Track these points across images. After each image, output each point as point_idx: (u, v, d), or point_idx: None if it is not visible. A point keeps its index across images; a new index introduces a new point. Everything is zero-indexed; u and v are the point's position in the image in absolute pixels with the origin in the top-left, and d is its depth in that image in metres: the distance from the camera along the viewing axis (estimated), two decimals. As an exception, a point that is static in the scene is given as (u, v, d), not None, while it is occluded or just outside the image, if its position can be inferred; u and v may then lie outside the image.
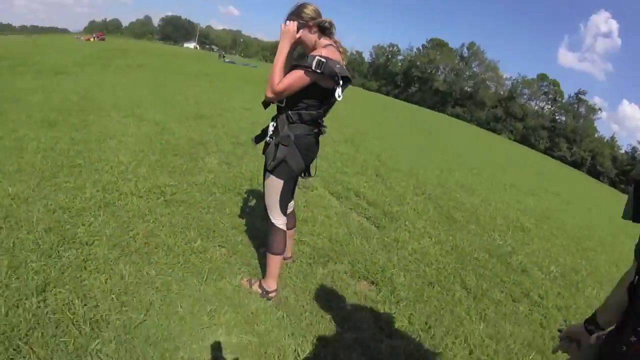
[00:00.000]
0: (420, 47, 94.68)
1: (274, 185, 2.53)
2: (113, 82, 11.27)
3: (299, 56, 2.48)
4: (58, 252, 2.80)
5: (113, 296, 2.44)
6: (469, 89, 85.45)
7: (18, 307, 2.24)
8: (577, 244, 6.39)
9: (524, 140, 73.12)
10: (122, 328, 2.23)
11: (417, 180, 7.09)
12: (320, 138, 2.62)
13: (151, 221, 3.40)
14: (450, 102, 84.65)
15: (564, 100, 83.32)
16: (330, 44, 2.33)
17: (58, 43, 33.68)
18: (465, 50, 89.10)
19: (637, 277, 1.13)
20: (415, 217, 5.13)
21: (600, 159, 74.44)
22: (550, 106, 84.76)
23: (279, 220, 2.64)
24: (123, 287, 2.55)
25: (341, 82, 2.18)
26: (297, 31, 2.31)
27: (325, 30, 2.38)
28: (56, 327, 2.15)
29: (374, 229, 4.47)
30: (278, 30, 2.32)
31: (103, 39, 52.10)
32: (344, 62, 2.32)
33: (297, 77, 2.18)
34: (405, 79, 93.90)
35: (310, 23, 2.33)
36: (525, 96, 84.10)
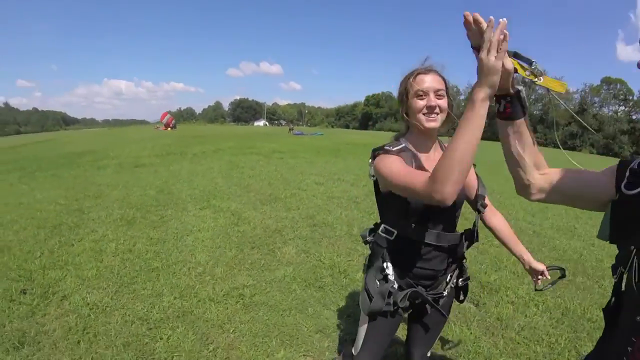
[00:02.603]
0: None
1: None
2: (190, 172, 11.95)
3: None
4: (137, 371, 2.77)
5: None
6: (537, 113, 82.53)
7: None
8: None
9: (607, 150, 69.44)
10: None
11: (510, 234, 6.54)
12: None
13: (231, 331, 3.31)
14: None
15: (635, 98, 79.21)
16: None
17: (138, 134, 36.65)
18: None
19: (613, 297, 1.31)
20: (517, 283, 4.61)
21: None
22: (623, 107, 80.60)
23: None
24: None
25: None
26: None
27: None
28: None
29: (473, 308, 4.04)
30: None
31: (174, 127, 55.59)
32: None
33: None
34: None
35: None
36: (596, 105, 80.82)
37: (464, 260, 1.94)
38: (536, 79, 1.21)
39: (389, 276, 1.80)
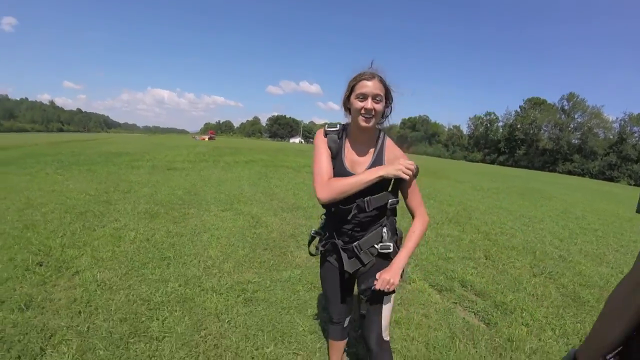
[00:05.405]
0: (519, 109, 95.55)
1: (392, 302, 2.16)
2: (219, 178, 12.17)
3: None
4: (127, 343, 2.84)
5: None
6: (576, 142, 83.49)
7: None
8: None
9: (645, 181, 67.68)
10: None
11: (534, 257, 6.22)
12: None
13: (226, 321, 3.29)
14: (559, 159, 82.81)
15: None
16: None
17: (174, 142, 37.35)
18: (565, 102, 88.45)
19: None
20: (535, 305, 4.32)
21: None
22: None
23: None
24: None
25: None
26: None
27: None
28: None
29: (482, 326, 3.78)
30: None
31: (213, 138, 57.18)
32: None
33: None
34: (509, 144, 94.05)
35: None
36: (636, 134, 78.47)
37: (378, 227, 2.09)
38: None
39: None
